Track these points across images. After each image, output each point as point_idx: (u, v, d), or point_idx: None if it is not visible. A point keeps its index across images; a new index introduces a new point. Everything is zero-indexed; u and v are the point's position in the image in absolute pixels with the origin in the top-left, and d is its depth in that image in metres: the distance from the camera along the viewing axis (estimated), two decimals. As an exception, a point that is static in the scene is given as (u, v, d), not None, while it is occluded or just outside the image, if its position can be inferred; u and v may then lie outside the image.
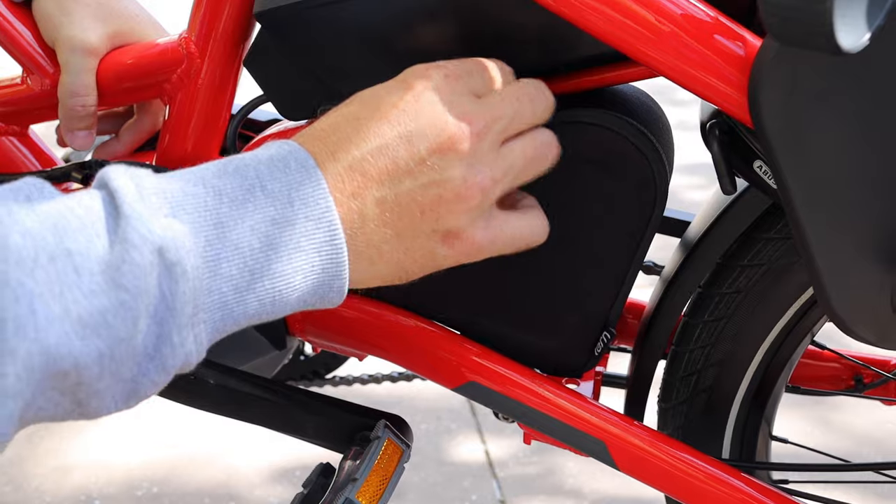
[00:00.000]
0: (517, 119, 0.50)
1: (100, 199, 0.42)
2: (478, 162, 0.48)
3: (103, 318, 0.39)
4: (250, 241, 0.43)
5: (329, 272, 0.46)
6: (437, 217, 0.48)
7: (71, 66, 0.67)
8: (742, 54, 0.50)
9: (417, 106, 0.48)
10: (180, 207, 0.42)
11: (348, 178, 0.46)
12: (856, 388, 0.81)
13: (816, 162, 0.49)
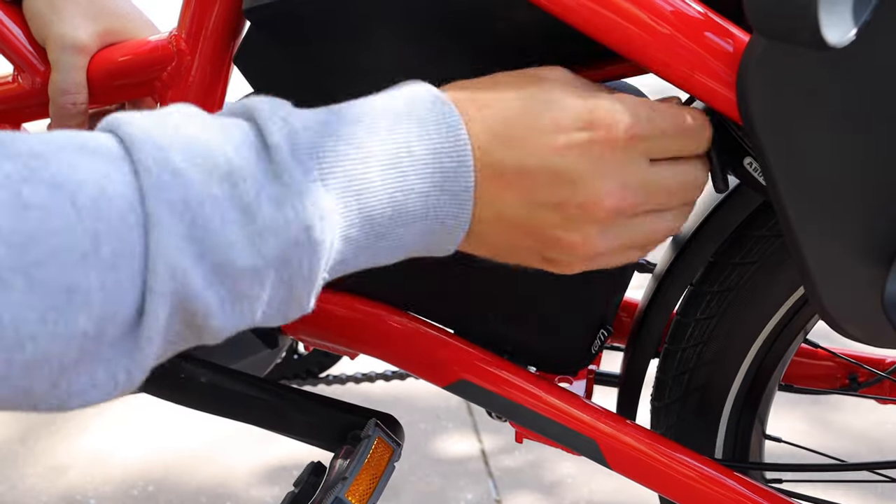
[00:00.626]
0: (668, 204, 0.50)
1: (255, 151, 0.40)
2: (609, 231, 0.48)
3: (235, 271, 0.39)
4: (383, 211, 0.43)
5: (442, 242, 0.47)
6: (549, 249, 0.48)
7: (61, 64, 0.67)
8: (731, 51, 0.49)
9: (589, 152, 0.46)
10: (330, 172, 0.42)
11: (492, 177, 0.46)
12: (850, 386, 0.81)
13: (805, 158, 0.48)
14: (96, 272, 0.35)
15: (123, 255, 0.36)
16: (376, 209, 0.43)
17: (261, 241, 0.39)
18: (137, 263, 0.36)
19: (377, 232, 0.44)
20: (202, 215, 0.38)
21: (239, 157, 0.39)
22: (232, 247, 0.38)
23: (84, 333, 0.35)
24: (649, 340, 0.69)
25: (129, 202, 0.36)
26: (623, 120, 0.47)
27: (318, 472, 0.65)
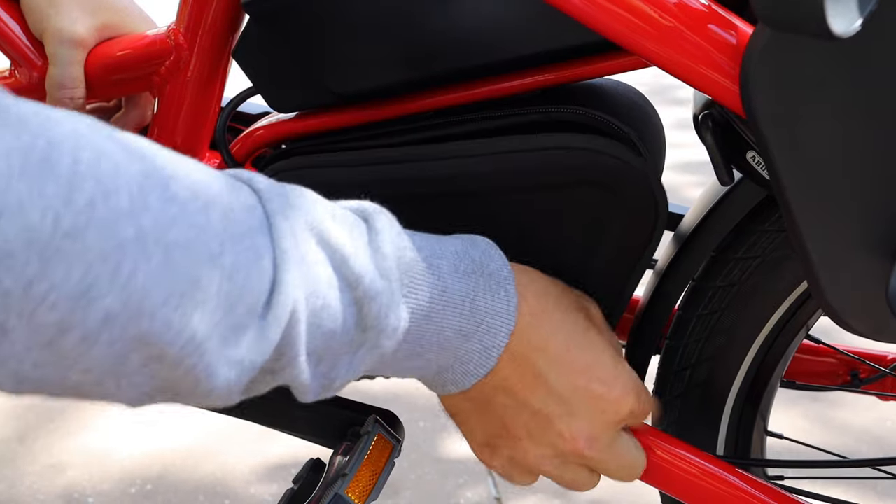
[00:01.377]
0: (608, 471, 0.58)
1: (367, 247, 0.45)
2: (559, 462, 0.56)
3: (326, 342, 0.44)
4: (433, 343, 0.49)
5: (445, 383, 0.52)
6: (506, 446, 0.55)
7: (59, 59, 0.66)
8: (734, 43, 0.49)
9: (596, 403, 0.53)
10: (415, 292, 0.47)
11: (511, 361, 0.51)
12: (852, 383, 0.81)
13: (809, 151, 0.48)
14: (218, 278, 0.37)
15: (242, 269, 0.38)
16: (427, 336, 0.48)
17: (348, 312, 0.44)
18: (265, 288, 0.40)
19: (414, 352, 0.48)
20: (324, 296, 0.42)
21: (353, 246, 0.44)
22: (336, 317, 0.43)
23: (193, 335, 0.36)
24: (651, 336, 0.68)
25: (256, 227, 0.40)
26: (630, 399, 0.54)
27: (318, 468, 0.65)
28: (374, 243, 0.45)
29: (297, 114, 0.65)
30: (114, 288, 0.33)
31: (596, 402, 0.52)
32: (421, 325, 0.47)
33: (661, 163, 0.63)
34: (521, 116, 0.57)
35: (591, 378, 0.52)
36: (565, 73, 0.58)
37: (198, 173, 0.38)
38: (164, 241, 0.35)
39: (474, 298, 0.49)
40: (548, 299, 0.52)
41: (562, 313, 0.52)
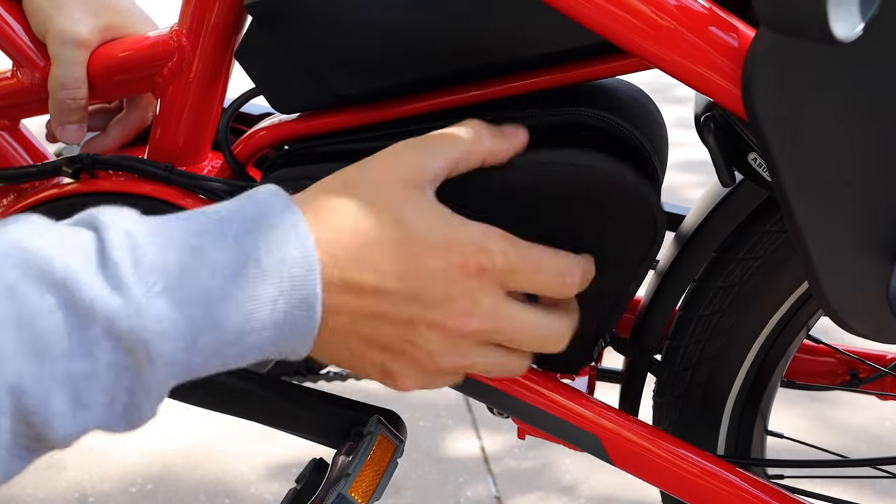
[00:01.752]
0: (517, 341, 0.51)
1: (94, 257, 0.42)
2: (451, 352, 0.50)
3: (71, 381, 0.40)
4: (232, 319, 0.44)
5: (293, 348, 0.47)
6: (392, 362, 0.50)
7: (61, 59, 0.66)
8: (736, 45, 0.49)
9: (442, 277, 0.48)
10: (174, 283, 0.43)
11: (342, 290, 0.47)
12: (852, 382, 0.81)
13: (810, 153, 0.48)
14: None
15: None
16: (224, 319, 0.44)
17: (97, 348, 0.40)
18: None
19: (226, 339, 0.44)
20: (40, 328, 0.39)
21: (79, 268, 0.40)
22: (70, 353, 0.40)
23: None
24: (652, 336, 0.69)
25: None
26: (484, 254, 0.48)
27: (321, 468, 0.65)
28: (101, 256, 0.42)
29: (300, 115, 0.65)
30: None
31: (441, 276, 0.48)
32: (207, 312, 0.43)
33: (664, 160, 0.63)
34: (524, 119, 0.57)
35: (422, 259, 0.48)
36: (567, 74, 0.58)
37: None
38: None
39: (258, 259, 0.44)
40: (346, 214, 0.48)
41: (367, 220, 0.48)
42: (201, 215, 0.46)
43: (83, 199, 0.70)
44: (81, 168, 0.70)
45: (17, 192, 0.75)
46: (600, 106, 0.57)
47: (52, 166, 0.71)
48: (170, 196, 0.68)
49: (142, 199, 0.68)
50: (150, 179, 0.68)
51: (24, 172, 0.73)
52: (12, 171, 0.73)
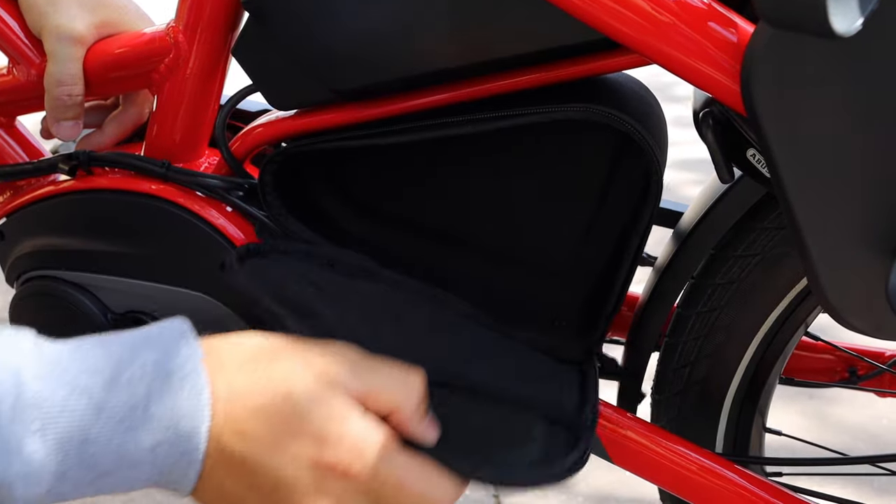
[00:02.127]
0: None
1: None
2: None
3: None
4: (111, 460, 0.43)
5: (172, 487, 0.46)
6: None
7: (58, 55, 0.66)
8: (735, 41, 0.49)
9: (314, 467, 0.46)
10: (53, 423, 0.42)
11: (221, 460, 0.46)
12: (850, 379, 0.81)
13: (809, 149, 0.48)
14: None
15: None
16: (99, 457, 0.43)
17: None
18: None
19: (100, 472, 0.43)
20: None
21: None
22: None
23: None
24: (650, 333, 0.69)
25: None
26: (356, 461, 0.47)
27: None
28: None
29: (297, 111, 0.65)
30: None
31: (308, 466, 0.46)
32: (82, 450, 0.43)
33: (664, 154, 0.63)
34: (523, 117, 0.57)
35: (296, 440, 0.46)
36: (566, 70, 0.58)
37: None
38: None
39: (147, 406, 0.44)
40: (248, 375, 0.47)
41: (265, 386, 0.47)
42: (101, 352, 0.45)
43: (79, 196, 0.70)
44: (78, 165, 0.69)
45: (13, 189, 0.75)
46: (603, 101, 0.57)
47: (48, 163, 0.71)
48: (166, 193, 0.67)
49: (138, 196, 0.68)
50: (147, 176, 0.68)
51: (20, 170, 0.73)
52: (8, 169, 0.73)
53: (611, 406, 0.66)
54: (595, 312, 0.65)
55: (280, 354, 0.48)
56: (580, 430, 0.57)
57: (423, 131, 0.60)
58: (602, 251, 0.66)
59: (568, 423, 0.58)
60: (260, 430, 0.46)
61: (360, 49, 0.59)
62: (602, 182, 0.64)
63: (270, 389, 0.47)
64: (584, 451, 0.56)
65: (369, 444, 0.47)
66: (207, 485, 0.46)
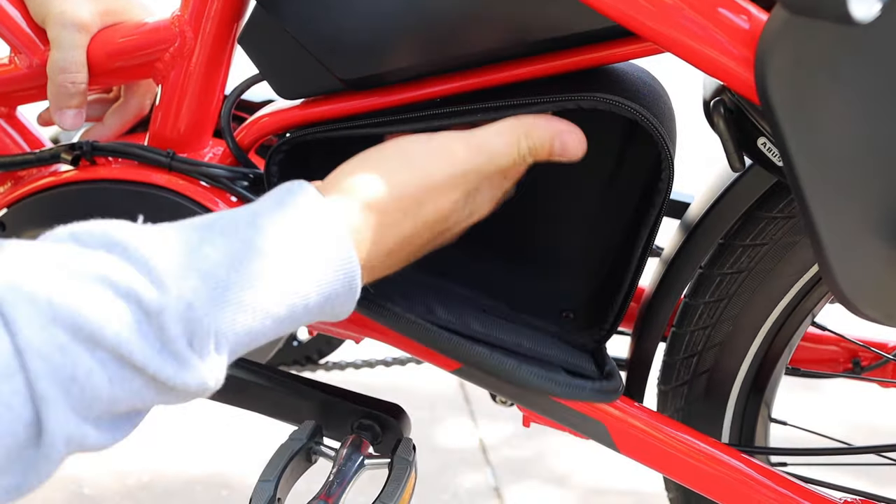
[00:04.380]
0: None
1: (143, 331, 0.42)
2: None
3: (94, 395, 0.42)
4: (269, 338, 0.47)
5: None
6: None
7: (62, 42, 0.65)
8: (747, 28, 0.49)
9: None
10: (224, 341, 0.45)
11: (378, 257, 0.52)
12: (854, 370, 0.81)
13: (823, 137, 0.48)
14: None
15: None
16: (264, 340, 0.47)
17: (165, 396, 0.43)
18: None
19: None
20: (90, 386, 0.41)
21: (127, 336, 0.41)
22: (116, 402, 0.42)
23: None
24: (658, 324, 0.69)
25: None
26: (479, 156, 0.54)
27: (317, 433, 0.65)
28: (146, 317, 0.42)
29: (303, 101, 0.64)
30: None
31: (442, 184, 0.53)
32: (252, 344, 0.47)
33: (674, 142, 0.63)
34: (533, 106, 0.57)
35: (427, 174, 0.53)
36: (577, 59, 0.58)
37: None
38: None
39: (307, 302, 0.48)
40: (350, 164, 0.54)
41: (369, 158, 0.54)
42: (253, 254, 0.47)
43: (83, 186, 0.69)
44: (81, 155, 0.69)
45: (14, 179, 0.74)
46: (613, 90, 0.57)
47: (50, 153, 0.70)
48: (170, 183, 0.67)
49: (142, 186, 0.67)
50: (151, 166, 0.67)
51: (21, 160, 0.72)
52: (9, 159, 0.72)
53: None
54: (605, 305, 0.65)
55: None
56: (608, 374, 0.61)
57: (432, 120, 0.60)
58: (611, 243, 0.66)
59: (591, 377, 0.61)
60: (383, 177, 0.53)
61: (369, 37, 0.58)
62: (610, 173, 0.64)
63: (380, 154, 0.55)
64: (617, 385, 0.61)
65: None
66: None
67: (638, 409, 0.65)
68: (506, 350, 0.61)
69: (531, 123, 0.55)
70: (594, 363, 0.63)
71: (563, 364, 0.61)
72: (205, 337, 0.43)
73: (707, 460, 0.65)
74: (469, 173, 0.54)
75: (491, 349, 0.57)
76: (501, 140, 0.54)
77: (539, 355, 0.61)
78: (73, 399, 0.40)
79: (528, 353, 0.61)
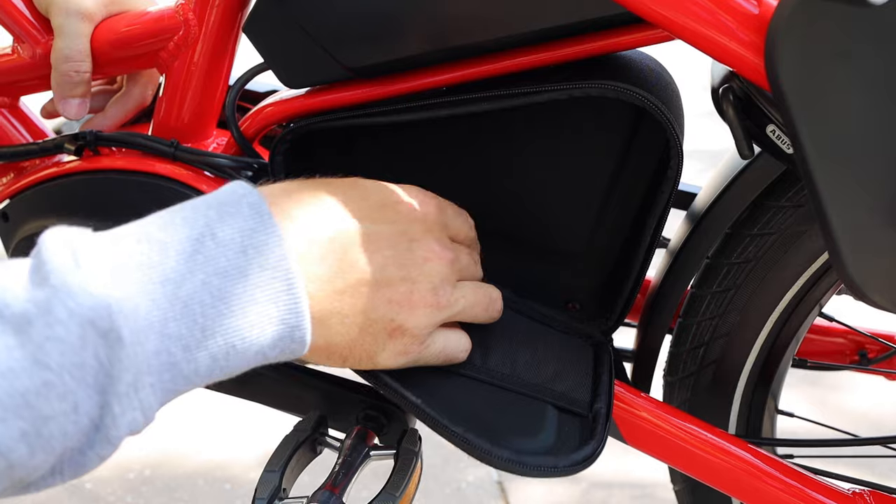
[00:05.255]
0: (471, 272, 0.55)
1: (28, 269, 0.40)
2: (446, 282, 0.52)
3: (24, 399, 0.37)
4: (201, 297, 0.41)
5: (288, 323, 0.44)
6: (399, 311, 0.50)
7: (66, 31, 0.65)
8: (756, 13, 0.49)
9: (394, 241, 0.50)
10: (122, 268, 0.40)
11: (306, 245, 0.46)
12: (860, 362, 0.81)
13: (835, 123, 0.47)
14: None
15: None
16: (190, 297, 0.41)
17: (42, 354, 0.38)
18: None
19: (201, 325, 0.41)
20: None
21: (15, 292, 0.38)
22: (13, 373, 0.37)
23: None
24: (664, 314, 0.68)
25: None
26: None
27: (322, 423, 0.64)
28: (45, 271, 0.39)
29: (308, 90, 0.64)
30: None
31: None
32: (169, 293, 0.41)
33: (682, 129, 0.63)
34: (541, 94, 0.57)
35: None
36: (584, 47, 0.57)
37: None
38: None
39: (214, 233, 0.42)
40: (296, 185, 0.49)
41: (314, 189, 0.49)
42: (153, 219, 0.44)
43: (86, 176, 0.69)
44: (84, 145, 0.68)
45: (17, 170, 0.74)
46: (621, 78, 0.56)
47: (53, 144, 0.70)
48: (174, 173, 0.66)
49: (145, 176, 0.67)
50: (155, 156, 0.67)
51: (24, 150, 0.72)
52: (13, 149, 0.72)
53: (624, 386, 0.65)
54: (612, 296, 0.64)
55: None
56: (594, 423, 0.57)
57: (438, 109, 0.59)
58: (618, 232, 0.65)
59: (581, 415, 0.58)
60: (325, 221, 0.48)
61: (375, 25, 0.58)
62: (618, 162, 0.64)
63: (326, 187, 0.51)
64: (596, 447, 0.56)
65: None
66: (324, 304, 0.46)
67: (645, 399, 0.65)
68: (495, 387, 0.58)
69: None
70: (591, 383, 0.61)
71: (555, 399, 0.59)
72: (95, 265, 0.40)
73: (716, 451, 0.65)
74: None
75: (465, 427, 0.54)
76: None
77: (529, 389, 0.59)
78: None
79: (517, 389, 0.59)
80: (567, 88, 0.56)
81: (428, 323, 0.51)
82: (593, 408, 0.59)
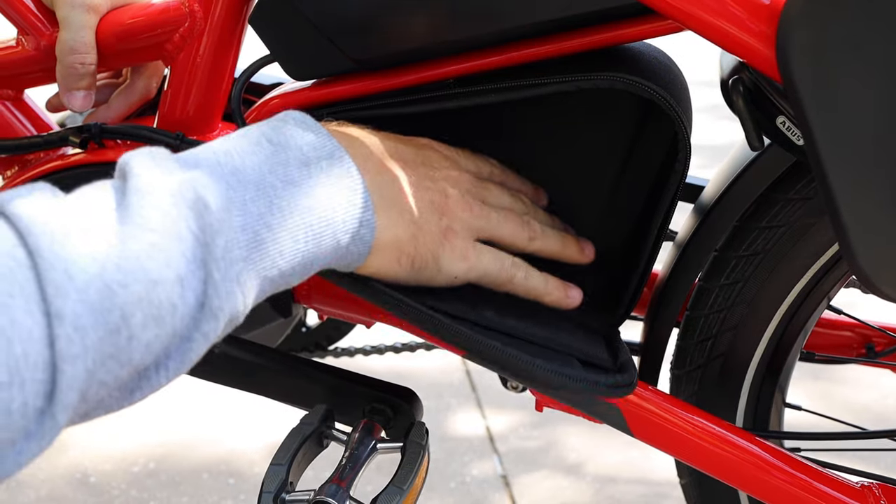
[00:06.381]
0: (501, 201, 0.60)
1: (110, 184, 0.44)
2: (470, 194, 0.57)
3: (138, 263, 0.39)
4: (271, 181, 0.46)
5: (355, 203, 0.49)
6: (442, 214, 0.55)
7: (71, 22, 0.65)
8: (768, 3, 0.48)
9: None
10: (194, 164, 0.44)
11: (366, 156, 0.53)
12: (868, 355, 0.81)
13: (846, 114, 0.47)
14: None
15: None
16: (260, 180, 0.46)
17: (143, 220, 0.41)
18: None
19: (277, 205, 0.46)
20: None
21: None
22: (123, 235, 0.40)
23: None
24: (672, 307, 0.68)
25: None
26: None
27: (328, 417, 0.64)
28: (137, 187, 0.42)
29: (314, 82, 0.63)
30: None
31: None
32: (238, 191, 0.45)
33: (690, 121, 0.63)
34: (549, 86, 0.56)
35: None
36: (592, 38, 0.57)
37: None
38: None
39: (269, 138, 0.48)
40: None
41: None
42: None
43: (90, 169, 0.69)
44: (89, 137, 0.68)
45: (21, 163, 0.74)
46: (630, 70, 0.56)
47: (57, 136, 0.70)
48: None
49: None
50: (161, 149, 0.67)
51: (29, 143, 0.71)
52: (17, 142, 0.72)
53: (633, 379, 0.65)
54: (619, 289, 0.64)
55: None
56: (622, 368, 0.60)
57: (445, 100, 0.59)
58: (625, 225, 0.65)
59: (606, 368, 0.60)
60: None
61: (383, 16, 0.58)
62: (625, 154, 0.63)
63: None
64: (633, 377, 0.59)
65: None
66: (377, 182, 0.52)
67: (653, 392, 0.65)
68: (518, 339, 0.60)
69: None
70: (608, 352, 0.62)
71: (576, 354, 0.60)
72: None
73: (723, 444, 0.65)
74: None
75: (503, 342, 0.56)
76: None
77: (552, 344, 0.60)
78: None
79: (541, 343, 0.60)
80: (576, 80, 0.56)
81: (470, 226, 0.56)
82: (617, 362, 0.61)
